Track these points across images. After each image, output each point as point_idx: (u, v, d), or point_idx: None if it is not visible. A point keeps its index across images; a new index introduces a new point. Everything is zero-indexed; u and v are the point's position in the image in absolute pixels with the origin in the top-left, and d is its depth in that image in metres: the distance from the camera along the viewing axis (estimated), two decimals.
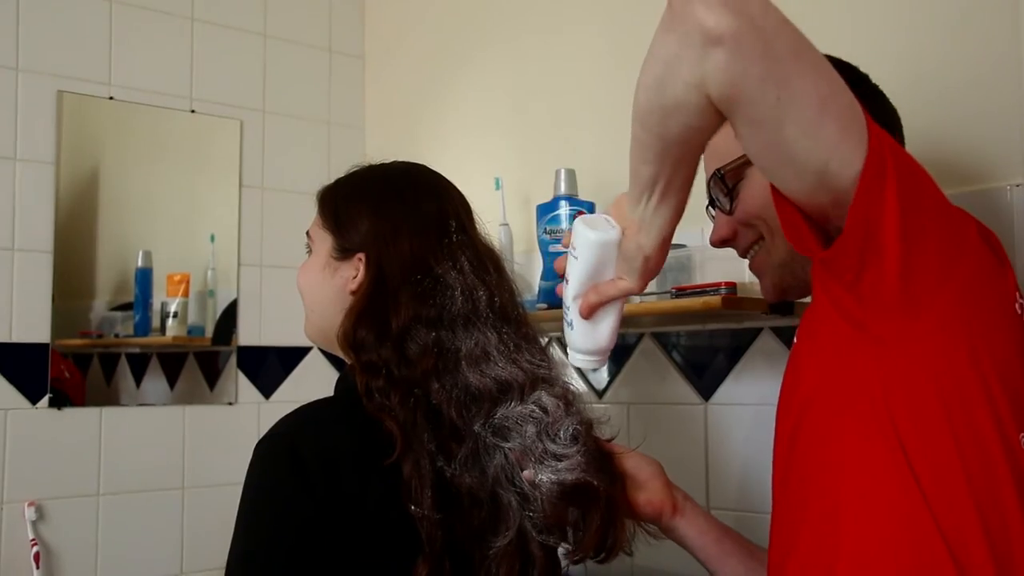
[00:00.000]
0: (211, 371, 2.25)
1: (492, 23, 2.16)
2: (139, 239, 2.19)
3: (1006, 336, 0.88)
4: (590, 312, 0.96)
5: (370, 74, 2.55)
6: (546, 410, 1.12)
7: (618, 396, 1.81)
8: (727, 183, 1.09)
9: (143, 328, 2.16)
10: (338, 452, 1.08)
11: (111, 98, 2.14)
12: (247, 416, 2.26)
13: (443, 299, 1.15)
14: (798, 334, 1.02)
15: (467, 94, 2.22)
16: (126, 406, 2.12)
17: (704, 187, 1.20)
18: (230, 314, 2.27)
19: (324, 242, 1.24)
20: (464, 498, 1.08)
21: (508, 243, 1.89)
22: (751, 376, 1.60)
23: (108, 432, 2.07)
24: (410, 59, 2.43)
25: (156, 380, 2.18)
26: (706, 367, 1.67)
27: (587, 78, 1.89)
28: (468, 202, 1.27)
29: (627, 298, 0.97)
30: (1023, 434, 0.85)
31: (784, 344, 1.53)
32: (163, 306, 2.18)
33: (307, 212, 1.33)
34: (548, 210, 1.71)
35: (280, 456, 1.07)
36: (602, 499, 1.12)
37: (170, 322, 2.18)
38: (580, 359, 1.03)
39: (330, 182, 1.32)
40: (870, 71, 1.38)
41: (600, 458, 1.14)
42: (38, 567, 1.92)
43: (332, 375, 2.35)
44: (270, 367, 2.31)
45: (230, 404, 2.25)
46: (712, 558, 1.19)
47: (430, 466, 1.06)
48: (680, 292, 1.50)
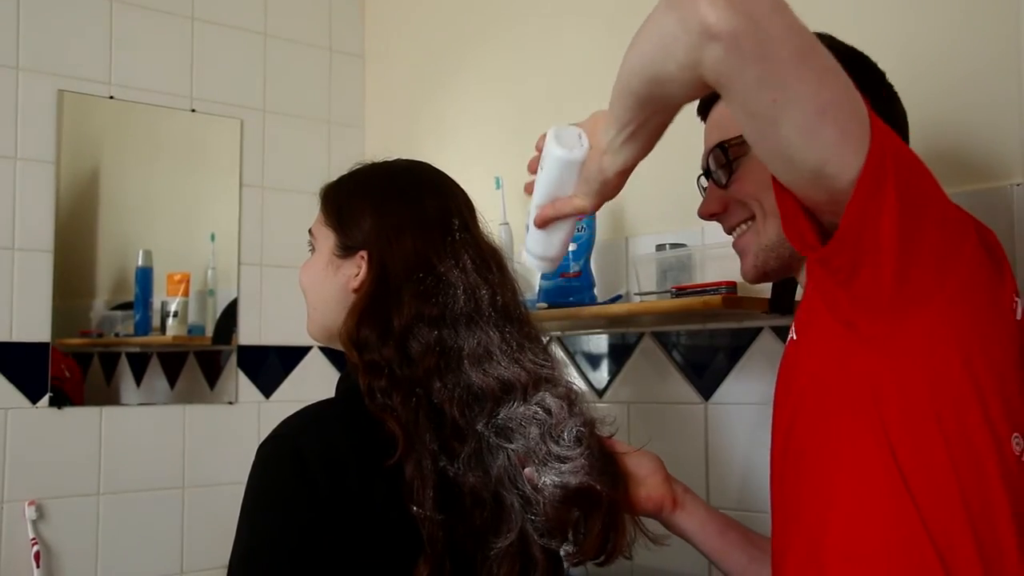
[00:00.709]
0: (211, 370, 2.25)
1: (492, 22, 2.16)
2: (139, 238, 2.19)
3: (1001, 340, 0.87)
4: (544, 223, 0.98)
5: (370, 73, 2.55)
6: (549, 411, 1.11)
7: (618, 395, 1.81)
8: (728, 157, 1.08)
9: (143, 327, 2.16)
10: (340, 453, 1.08)
11: (111, 97, 2.14)
12: (247, 415, 2.26)
13: (445, 298, 1.14)
14: (793, 330, 1.02)
15: (467, 93, 2.22)
16: (126, 405, 2.12)
17: (693, 178, 1.20)
18: (230, 313, 2.27)
19: (327, 240, 1.24)
20: (466, 498, 1.07)
21: (509, 242, 1.89)
22: (751, 375, 1.60)
23: (108, 431, 2.07)
24: (410, 58, 2.43)
25: (156, 379, 2.18)
26: (706, 366, 1.67)
27: (588, 77, 1.89)
28: (471, 200, 1.27)
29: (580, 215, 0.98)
30: (1016, 436, 0.85)
31: (784, 343, 1.53)
32: (163, 305, 2.18)
33: (307, 211, 1.33)
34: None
35: (283, 457, 1.07)
36: (604, 503, 1.12)
37: (170, 321, 2.18)
38: (532, 261, 1.05)
39: (332, 180, 1.32)
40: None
41: (603, 460, 1.14)
42: (38, 566, 1.92)
43: (332, 374, 2.35)
44: (270, 366, 2.31)
45: (230, 403, 2.25)
46: (715, 550, 1.18)
47: (432, 466, 1.06)
48: (680, 291, 1.50)
